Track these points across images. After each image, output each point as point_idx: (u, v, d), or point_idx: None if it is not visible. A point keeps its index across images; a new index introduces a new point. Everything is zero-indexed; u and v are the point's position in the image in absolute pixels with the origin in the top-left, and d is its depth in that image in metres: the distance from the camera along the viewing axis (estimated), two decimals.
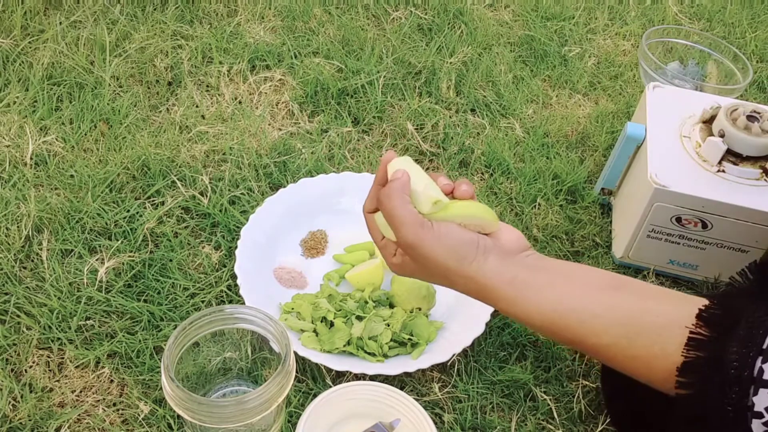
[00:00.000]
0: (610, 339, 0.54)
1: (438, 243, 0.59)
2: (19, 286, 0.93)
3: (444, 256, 0.59)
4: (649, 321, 0.54)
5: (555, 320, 0.57)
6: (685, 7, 1.61)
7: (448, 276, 0.61)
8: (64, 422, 0.81)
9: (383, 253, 0.66)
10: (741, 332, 0.49)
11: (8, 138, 1.12)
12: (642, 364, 0.54)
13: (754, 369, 0.47)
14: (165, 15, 1.38)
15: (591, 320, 0.55)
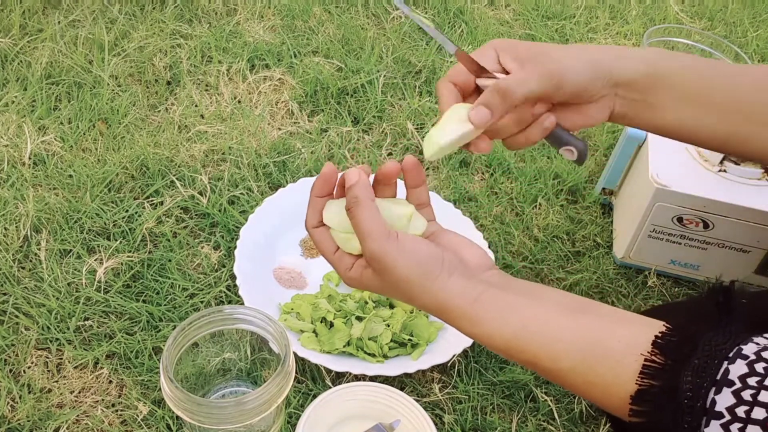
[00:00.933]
0: (570, 364, 0.53)
1: (402, 256, 0.57)
2: (18, 286, 0.93)
3: (407, 271, 0.57)
4: (608, 347, 0.53)
5: (516, 343, 0.55)
6: (686, 6, 1.61)
7: (409, 291, 0.58)
8: (62, 423, 0.81)
9: (337, 265, 0.62)
10: (696, 361, 0.48)
11: (6, 138, 1.11)
12: (599, 391, 0.53)
13: (707, 400, 0.46)
14: (164, 14, 1.38)
15: (552, 344, 0.54)
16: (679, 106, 0.65)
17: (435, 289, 0.57)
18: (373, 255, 0.57)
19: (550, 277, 1.03)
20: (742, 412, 0.45)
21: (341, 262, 0.61)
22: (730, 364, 0.47)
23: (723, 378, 0.46)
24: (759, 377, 0.45)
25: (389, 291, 0.60)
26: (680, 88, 0.65)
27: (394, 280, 0.57)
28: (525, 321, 0.56)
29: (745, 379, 0.46)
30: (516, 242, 1.06)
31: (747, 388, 0.45)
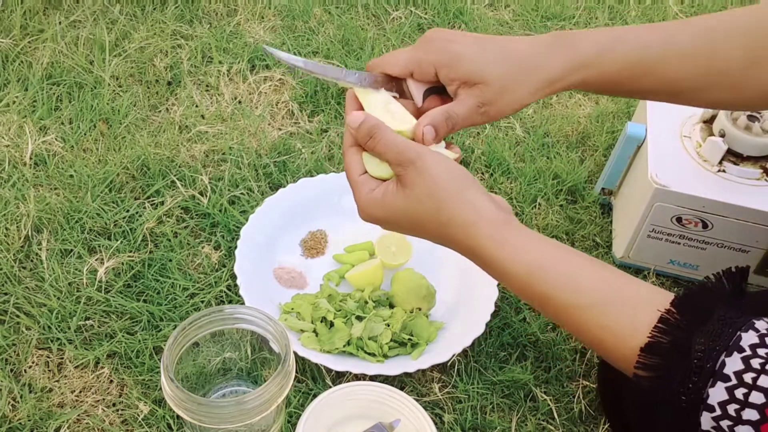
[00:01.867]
0: (589, 300, 0.53)
1: (439, 161, 0.58)
2: (19, 286, 0.93)
3: (444, 174, 0.57)
4: (628, 295, 0.53)
5: (539, 273, 0.55)
6: (685, 7, 1.61)
7: (439, 200, 0.57)
8: (63, 422, 0.81)
9: (358, 189, 0.62)
10: (711, 327, 0.49)
11: (7, 138, 1.12)
12: (610, 336, 0.53)
13: (716, 363, 0.47)
14: (164, 14, 1.38)
15: (575, 278, 0.54)
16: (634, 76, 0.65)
17: (467, 199, 0.57)
18: (412, 159, 0.57)
19: None
20: (749, 378, 0.46)
21: (365, 185, 0.62)
22: (743, 332, 0.48)
23: (735, 344, 0.47)
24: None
25: (414, 204, 0.59)
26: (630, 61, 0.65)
27: (428, 185, 0.57)
28: (550, 252, 0.56)
29: (756, 348, 0.47)
30: None
31: (756, 357, 0.46)
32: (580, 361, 0.93)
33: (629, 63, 0.64)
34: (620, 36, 0.65)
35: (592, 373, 0.92)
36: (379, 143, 0.59)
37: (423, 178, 0.58)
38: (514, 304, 0.98)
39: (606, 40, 0.64)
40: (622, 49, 0.64)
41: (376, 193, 0.61)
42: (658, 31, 0.66)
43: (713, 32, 0.65)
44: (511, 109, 0.64)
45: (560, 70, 0.63)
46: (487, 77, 0.62)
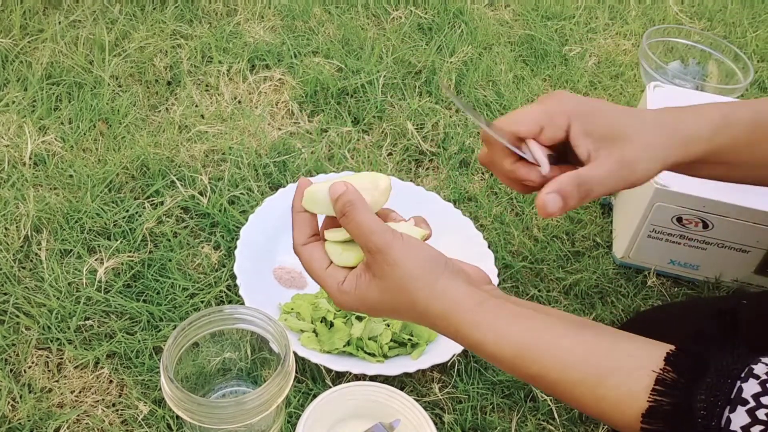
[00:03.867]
0: (580, 375, 0.51)
1: (408, 250, 0.55)
2: (18, 286, 0.93)
3: (413, 264, 0.54)
4: (619, 361, 0.51)
5: (523, 350, 0.53)
6: (685, 7, 1.61)
7: (411, 291, 0.54)
8: (63, 423, 0.81)
9: (328, 283, 0.58)
10: (709, 380, 0.47)
11: (7, 138, 1.12)
12: (608, 406, 0.51)
13: (722, 419, 0.46)
14: (164, 14, 1.38)
15: (562, 353, 0.52)
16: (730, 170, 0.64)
17: (440, 288, 0.55)
18: (380, 248, 0.54)
19: (549, 276, 1.03)
20: (758, 431, 0.45)
21: (333, 278, 0.58)
22: (743, 383, 0.46)
23: (737, 397, 0.46)
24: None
25: (388, 296, 0.56)
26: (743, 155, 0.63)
27: (398, 277, 0.55)
28: (532, 329, 0.54)
29: (759, 398, 0.45)
30: (516, 242, 1.06)
31: (761, 407, 0.45)
32: None
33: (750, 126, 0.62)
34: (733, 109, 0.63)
35: None
36: (351, 222, 0.56)
37: (393, 269, 0.55)
38: None
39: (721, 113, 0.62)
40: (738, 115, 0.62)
41: (348, 285, 0.57)
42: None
43: None
44: (654, 171, 0.58)
45: (694, 130, 0.60)
46: (631, 131, 0.58)
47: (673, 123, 0.60)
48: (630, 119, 0.59)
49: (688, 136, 0.60)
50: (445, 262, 0.56)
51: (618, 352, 0.52)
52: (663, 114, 0.61)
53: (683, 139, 0.60)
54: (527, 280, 1.02)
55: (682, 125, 0.60)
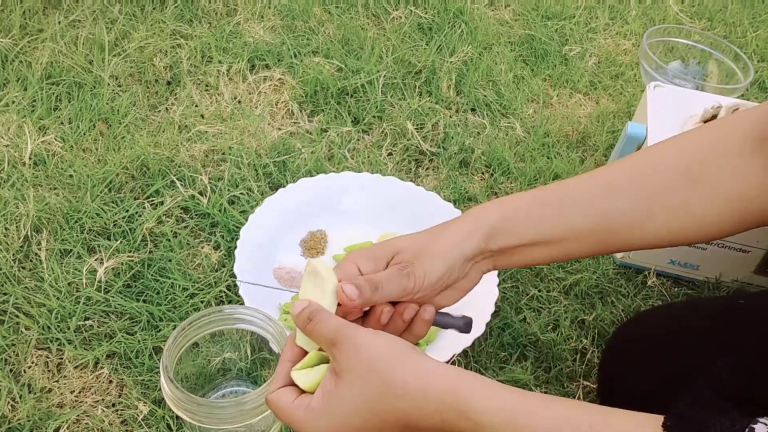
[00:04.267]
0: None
1: (373, 335, 0.54)
2: (18, 286, 0.93)
3: (380, 345, 0.52)
4: (615, 428, 0.49)
5: (514, 414, 0.49)
6: (686, 7, 1.61)
7: (383, 373, 0.51)
8: (63, 423, 0.81)
9: (294, 412, 0.55)
10: None
11: (7, 138, 1.12)
12: None
13: None
14: (164, 14, 1.38)
15: (556, 421, 0.49)
16: (533, 249, 0.64)
17: (413, 362, 0.52)
18: (346, 336, 0.53)
19: (549, 277, 1.03)
20: None
21: (300, 405, 0.55)
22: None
23: None
24: None
25: (358, 390, 0.52)
26: (525, 237, 0.63)
27: (366, 361, 0.52)
28: (522, 394, 0.51)
29: None
30: None
31: None
32: (580, 361, 0.93)
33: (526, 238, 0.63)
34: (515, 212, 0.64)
35: (592, 373, 0.92)
36: (318, 323, 0.55)
37: (359, 352, 0.52)
38: (515, 305, 0.98)
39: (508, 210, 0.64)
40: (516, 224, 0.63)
41: (314, 404, 0.54)
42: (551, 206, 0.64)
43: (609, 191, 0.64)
44: (438, 270, 0.60)
45: (467, 232, 0.62)
46: (404, 244, 0.62)
47: (444, 228, 0.63)
48: (405, 238, 0.63)
49: (463, 231, 0.62)
50: (410, 345, 0.54)
51: (613, 420, 0.50)
52: (443, 224, 0.64)
53: (459, 233, 0.62)
54: (527, 280, 1.02)
55: (453, 229, 0.63)
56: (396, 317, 0.60)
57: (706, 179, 0.62)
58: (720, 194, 0.62)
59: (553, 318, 0.98)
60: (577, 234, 0.63)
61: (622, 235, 0.63)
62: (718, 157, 0.63)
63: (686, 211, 0.63)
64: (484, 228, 0.62)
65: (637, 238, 0.64)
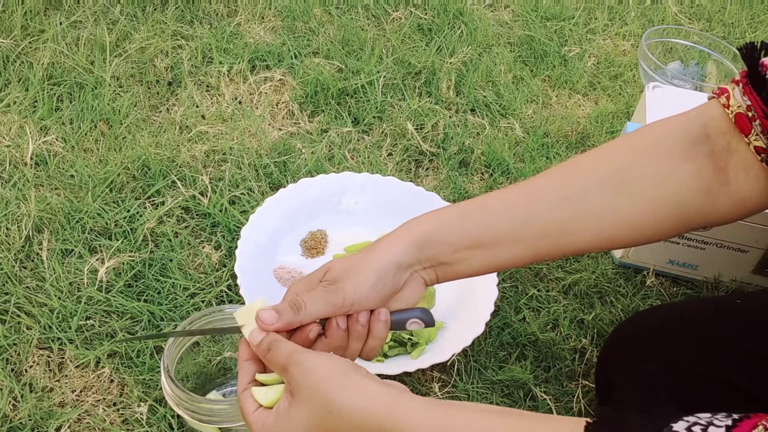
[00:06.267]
0: None
1: (321, 359, 0.56)
2: (20, 285, 0.94)
3: (324, 369, 0.55)
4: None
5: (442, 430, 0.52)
6: (684, 8, 1.61)
7: (325, 393, 0.55)
8: (64, 422, 0.82)
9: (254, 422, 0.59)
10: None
11: (8, 138, 1.12)
12: None
13: None
14: (165, 15, 1.38)
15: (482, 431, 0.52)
16: (469, 256, 0.65)
17: (354, 383, 0.55)
18: (297, 360, 0.56)
19: (549, 276, 1.03)
20: None
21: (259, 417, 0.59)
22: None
23: None
24: None
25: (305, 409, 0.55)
26: (458, 244, 0.65)
27: (312, 383, 0.55)
28: (451, 411, 0.54)
29: None
30: None
31: None
32: (579, 360, 0.94)
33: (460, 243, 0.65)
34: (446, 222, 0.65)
35: (591, 372, 0.92)
36: (274, 351, 0.58)
37: (307, 377, 0.56)
38: (514, 304, 0.99)
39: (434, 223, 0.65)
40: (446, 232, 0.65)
41: (269, 421, 0.58)
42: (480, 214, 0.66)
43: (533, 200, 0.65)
44: (369, 279, 0.62)
45: (398, 242, 0.64)
46: (335, 264, 0.64)
47: (379, 241, 0.65)
48: (337, 261, 0.64)
49: (393, 242, 0.64)
50: (355, 367, 0.57)
51: (540, 427, 0.52)
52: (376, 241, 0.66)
53: (390, 245, 0.64)
54: (526, 280, 1.02)
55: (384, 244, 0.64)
56: (353, 324, 0.63)
57: (629, 185, 0.64)
58: (646, 199, 0.64)
59: (553, 317, 0.98)
60: (505, 240, 0.65)
61: (554, 239, 0.65)
62: (641, 164, 0.65)
63: (613, 216, 0.64)
64: (414, 237, 0.64)
65: (570, 242, 0.65)
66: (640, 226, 0.65)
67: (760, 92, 0.62)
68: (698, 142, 0.64)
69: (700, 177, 0.63)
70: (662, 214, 0.64)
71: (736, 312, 0.78)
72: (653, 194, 0.64)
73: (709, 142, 0.64)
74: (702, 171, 0.63)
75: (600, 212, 0.64)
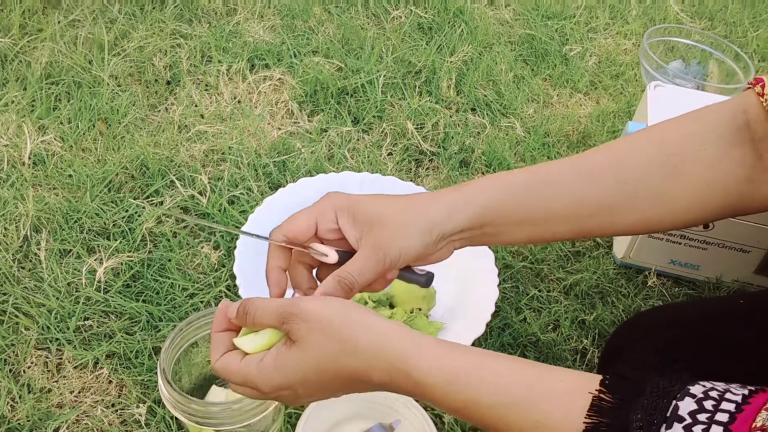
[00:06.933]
0: (513, 398, 0.50)
1: (319, 302, 0.55)
2: (18, 286, 0.93)
3: (332, 314, 0.54)
4: (552, 385, 0.50)
5: (456, 373, 0.52)
6: (686, 6, 1.61)
7: (338, 337, 0.53)
8: (62, 423, 0.81)
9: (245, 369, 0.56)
10: (645, 401, 0.47)
11: (6, 137, 1.11)
12: (545, 430, 0.50)
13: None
14: (164, 14, 1.38)
15: (492, 378, 0.51)
16: (516, 229, 0.64)
17: (366, 323, 0.54)
18: (292, 312, 0.54)
19: (550, 276, 1.03)
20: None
21: (251, 364, 0.56)
22: (678, 401, 0.46)
23: (673, 414, 0.45)
24: (708, 413, 0.45)
25: (314, 354, 0.54)
26: (512, 217, 0.64)
27: (320, 328, 0.53)
28: (465, 353, 0.53)
29: (695, 415, 0.45)
30: None
31: (697, 423, 0.44)
32: (580, 361, 0.93)
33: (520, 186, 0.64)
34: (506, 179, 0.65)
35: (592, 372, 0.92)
36: (257, 312, 0.56)
37: (310, 323, 0.54)
38: (515, 305, 0.98)
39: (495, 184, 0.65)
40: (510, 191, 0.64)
41: (267, 361, 0.55)
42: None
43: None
44: (414, 249, 0.61)
45: (454, 209, 0.62)
46: (386, 215, 0.61)
47: (427, 199, 0.63)
48: (386, 205, 0.62)
49: (447, 208, 0.62)
50: (354, 305, 0.56)
51: (551, 378, 0.51)
52: (418, 195, 0.64)
53: (442, 210, 0.62)
54: (527, 280, 1.02)
55: (431, 206, 0.63)
56: None
57: (683, 170, 0.64)
58: (697, 185, 0.64)
59: (554, 318, 0.97)
60: (556, 217, 0.64)
61: (602, 219, 0.65)
62: (695, 149, 0.64)
63: (663, 199, 0.64)
64: (471, 209, 0.63)
65: (617, 223, 0.65)
66: (686, 210, 0.65)
67: None
68: (741, 129, 0.64)
69: (744, 164, 0.63)
70: (709, 199, 0.64)
71: (738, 312, 0.78)
72: (704, 179, 0.64)
73: (750, 129, 0.64)
74: (746, 158, 0.64)
75: (652, 195, 0.64)
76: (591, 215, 0.64)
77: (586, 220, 0.65)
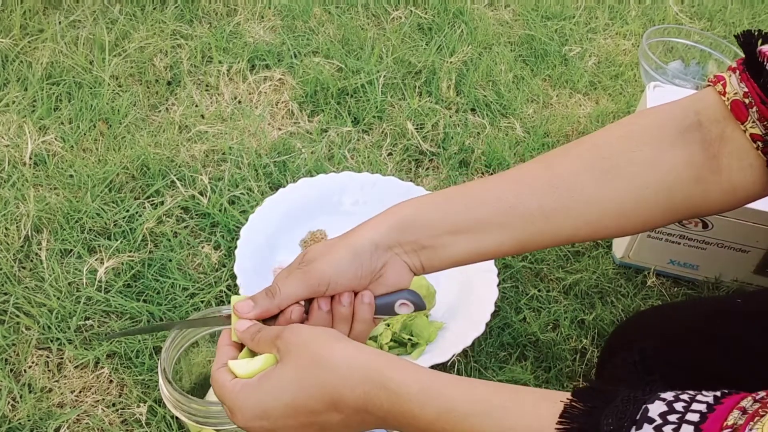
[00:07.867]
0: (486, 407, 0.51)
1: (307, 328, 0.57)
2: (18, 286, 0.93)
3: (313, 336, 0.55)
4: (525, 395, 0.52)
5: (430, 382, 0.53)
6: (685, 7, 1.61)
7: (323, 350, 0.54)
8: (63, 422, 0.81)
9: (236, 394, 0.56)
10: (616, 406, 0.47)
11: (7, 138, 1.12)
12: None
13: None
14: (164, 14, 1.38)
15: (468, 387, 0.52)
16: (455, 240, 0.64)
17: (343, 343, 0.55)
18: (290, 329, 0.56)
19: (549, 276, 1.03)
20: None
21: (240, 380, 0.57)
22: (648, 404, 0.46)
23: (643, 416, 0.46)
24: (679, 414, 0.45)
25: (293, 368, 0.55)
26: (442, 227, 0.64)
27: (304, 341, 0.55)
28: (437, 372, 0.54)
29: (666, 416, 0.45)
30: None
31: (667, 423, 0.45)
32: (580, 361, 0.93)
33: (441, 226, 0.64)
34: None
35: (592, 373, 0.92)
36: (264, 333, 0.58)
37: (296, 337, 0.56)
38: (515, 305, 0.98)
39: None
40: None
41: (252, 380, 0.56)
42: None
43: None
44: (344, 258, 0.61)
45: (376, 223, 0.63)
46: (312, 247, 0.63)
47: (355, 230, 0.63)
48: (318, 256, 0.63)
49: (373, 222, 0.63)
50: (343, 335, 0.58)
51: (524, 389, 0.52)
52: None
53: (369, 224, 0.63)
54: (527, 280, 1.02)
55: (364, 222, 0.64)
56: (335, 305, 0.62)
57: (618, 173, 0.63)
58: (635, 188, 0.63)
59: (553, 318, 0.98)
60: (489, 225, 0.64)
61: (540, 226, 0.64)
62: (629, 150, 0.64)
63: (600, 203, 0.64)
64: (394, 219, 0.63)
65: (560, 229, 0.64)
66: (628, 214, 0.64)
67: (757, 79, 0.61)
68: (690, 129, 0.63)
69: (691, 164, 0.63)
70: (651, 201, 0.64)
71: (737, 312, 0.78)
72: (640, 181, 0.63)
73: (702, 129, 0.63)
74: (693, 158, 0.63)
75: (587, 199, 0.63)
76: (527, 222, 0.63)
77: (523, 228, 0.64)
